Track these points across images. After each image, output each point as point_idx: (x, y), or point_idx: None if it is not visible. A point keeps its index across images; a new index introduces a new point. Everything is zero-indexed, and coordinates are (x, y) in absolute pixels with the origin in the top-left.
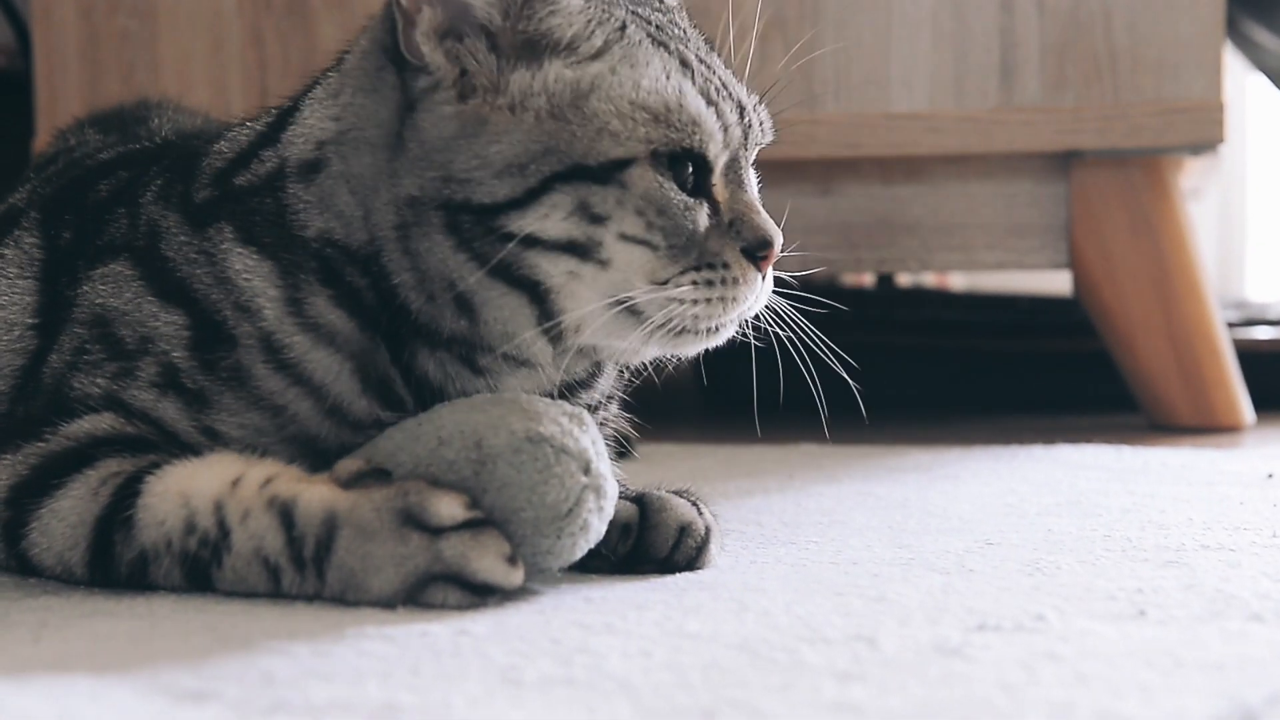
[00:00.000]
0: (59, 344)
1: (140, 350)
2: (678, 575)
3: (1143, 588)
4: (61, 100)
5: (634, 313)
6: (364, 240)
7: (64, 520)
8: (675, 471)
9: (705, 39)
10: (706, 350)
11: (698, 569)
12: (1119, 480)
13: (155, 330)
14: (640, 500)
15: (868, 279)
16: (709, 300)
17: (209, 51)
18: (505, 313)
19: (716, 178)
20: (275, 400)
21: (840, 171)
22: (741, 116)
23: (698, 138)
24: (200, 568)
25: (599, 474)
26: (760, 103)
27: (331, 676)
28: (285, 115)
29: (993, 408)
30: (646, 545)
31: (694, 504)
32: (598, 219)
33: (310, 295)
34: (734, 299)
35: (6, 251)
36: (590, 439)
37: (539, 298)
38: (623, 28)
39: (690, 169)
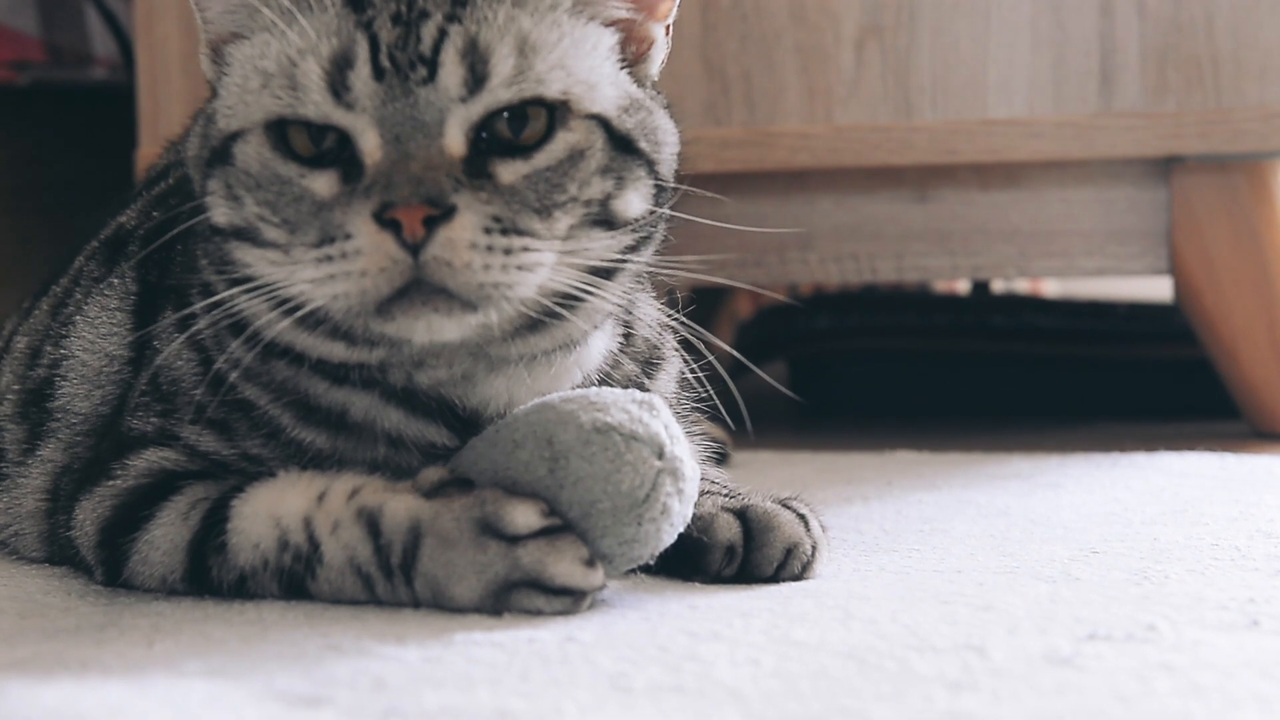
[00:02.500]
0: (134, 387)
1: (174, 392)
2: (782, 584)
3: (1254, 597)
4: (164, 112)
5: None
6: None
7: (158, 548)
8: (772, 479)
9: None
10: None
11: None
12: (1223, 488)
13: (180, 372)
14: (744, 516)
15: (961, 285)
16: (331, 277)
17: None
18: (263, 320)
19: (365, 142)
20: (265, 428)
21: (937, 178)
22: (410, 73)
23: (289, 103)
24: (296, 580)
25: (674, 457)
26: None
27: (442, 682)
28: None
29: (1091, 414)
30: (751, 565)
31: (801, 517)
32: (237, 200)
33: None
34: (359, 272)
35: (116, 281)
36: (662, 423)
37: (272, 296)
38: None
39: (310, 136)
